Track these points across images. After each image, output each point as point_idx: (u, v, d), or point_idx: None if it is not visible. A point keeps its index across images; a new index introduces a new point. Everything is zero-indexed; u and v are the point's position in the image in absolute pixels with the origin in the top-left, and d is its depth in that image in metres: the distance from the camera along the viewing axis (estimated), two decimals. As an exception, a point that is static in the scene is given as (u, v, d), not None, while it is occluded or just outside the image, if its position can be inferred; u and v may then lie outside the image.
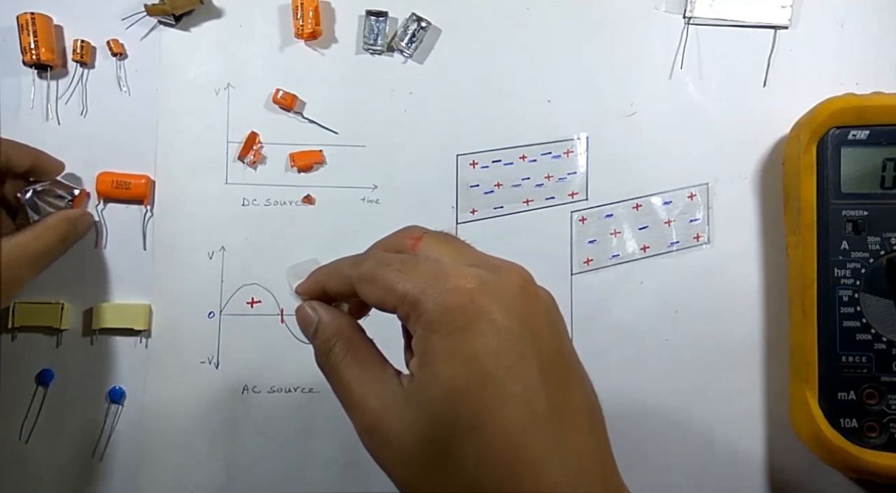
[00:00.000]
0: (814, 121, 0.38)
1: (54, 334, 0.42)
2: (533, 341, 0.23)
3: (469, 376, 0.22)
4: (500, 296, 0.23)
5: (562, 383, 0.23)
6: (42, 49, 0.41)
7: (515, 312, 0.23)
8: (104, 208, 0.42)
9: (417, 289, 0.24)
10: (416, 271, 0.24)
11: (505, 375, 0.22)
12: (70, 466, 0.41)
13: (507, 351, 0.23)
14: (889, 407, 0.36)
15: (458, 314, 0.23)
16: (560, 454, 0.22)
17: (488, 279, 0.24)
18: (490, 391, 0.22)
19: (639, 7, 0.42)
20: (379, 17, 0.42)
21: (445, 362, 0.23)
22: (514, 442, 0.22)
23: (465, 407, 0.22)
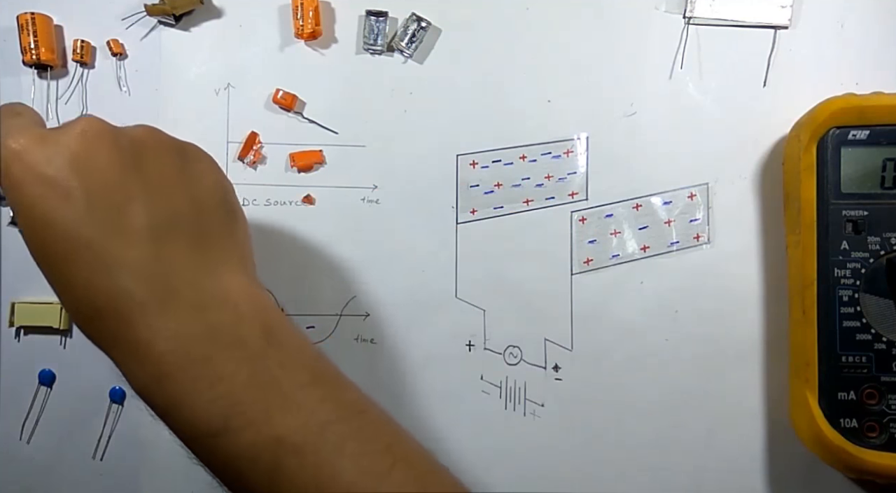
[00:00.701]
0: (814, 121, 0.38)
1: (54, 334, 0.42)
2: (81, 180, 0.28)
3: (26, 224, 0.28)
4: (53, 148, 0.28)
5: (116, 208, 0.28)
6: (42, 49, 0.41)
7: (64, 159, 0.28)
8: None
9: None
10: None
11: (49, 216, 0.27)
12: (70, 466, 0.41)
13: (49, 196, 0.27)
14: (889, 407, 0.37)
15: (8, 175, 0.28)
16: (99, 267, 0.27)
17: (46, 136, 0.28)
18: (42, 228, 0.28)
19: (639, 7, 0.42)
20: (379, 17, 0.42)
21: (15, 214, 0.29)
22: (66, 263, 0.28)
23: (35, 247, 0.28)
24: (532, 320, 0.41)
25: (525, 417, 0.41)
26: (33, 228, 0.28)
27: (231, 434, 0.27)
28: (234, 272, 0.30)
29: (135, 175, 0.29)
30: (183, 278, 0.28)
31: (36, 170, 0.28)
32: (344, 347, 0.41)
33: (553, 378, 0.41)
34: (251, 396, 0.27)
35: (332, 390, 0.29)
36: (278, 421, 0.27)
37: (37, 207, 0.28)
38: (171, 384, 0.27)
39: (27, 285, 0.42)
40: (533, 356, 0.41)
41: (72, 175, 0.28)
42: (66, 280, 0.28)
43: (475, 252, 0.42)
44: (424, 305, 0.41)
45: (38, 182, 0.28)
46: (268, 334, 0.29)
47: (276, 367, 0.28)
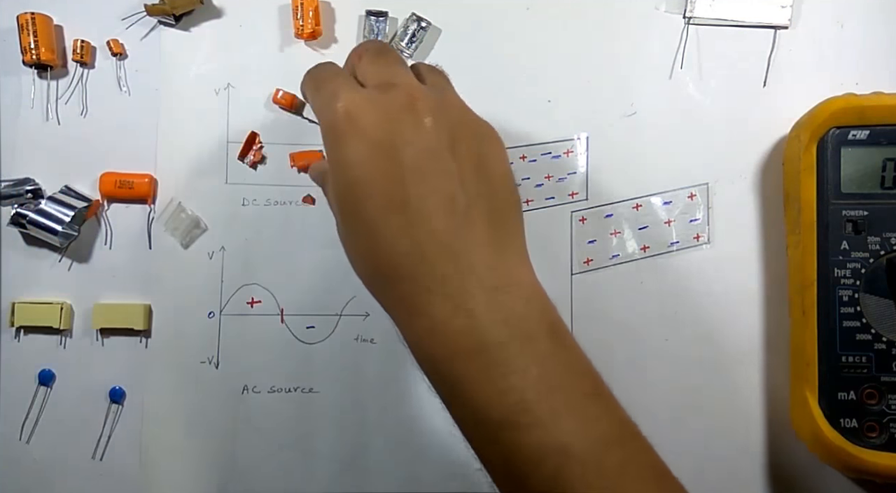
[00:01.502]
0: (814, 121, 0.38)
1: (54, 333, 0.42)
2: (405, 147, 0.28)
3: (344, 180, 0.29)
4: (378, 113, 0.28)
5: (430, 176, 0.28)
6: (42, 49, 0.41)
7: (390, 125, 0.28)
8: (108, 209, 0.42)
9: (318, 108, 0.30)
10: (324, 91, 0.30)
11: (370, 176, 0.28)
12: (70, 466, 0.41)
13: (376, 157, 0.28)
14: (889, 407, 0.37)
15: (337, 132, 0.29)
16: (410, 232, 0.28)
17: (373, 99, 0.29)
18: (362, 189, 0.28)
19: (639, 7, 0.42)
20: (379, 17, 0.42)
21: (333, 168, 0.29)
22: (374, 225, 0.28)
23: (347, 205, 0.29)
24: (532, 320, 0.41)
25: (525, 417, 0.41)
26: (351, 187, 0.28)
27: (519, 430, 0.26)
28: (522, 260, 0.30)
29: (450, 150, 0.29)
30: (482, 258, 0.28)
31: (366, 131, 0.28)
32: (344, 347, 0.41)
33: (553, 378, 0.41)
34: (541, 395, 0.26)
35: (611, 405, 0.29)
36: (566, 428, 0.26)
37: (360, 166, 0.28)
38: (464, 364, 0.27)
39: (27, 285, 0.42)
40: (533, 356, 0.41)
41: (398, 141, 0.28)
42: (372, 242, 0.28)
43: (475, 252, 0.42)
44: (424, 305, 0.41)
45: (366, 143, 0.28)
46: (554, 333, 0.28)
47: (563, 370, 0.28)
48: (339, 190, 0.29)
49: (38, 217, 0.40)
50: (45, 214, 0.40)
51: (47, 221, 0.40)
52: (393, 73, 0.31)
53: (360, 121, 0.28)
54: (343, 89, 0.29)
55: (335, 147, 0.29)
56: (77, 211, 0.41)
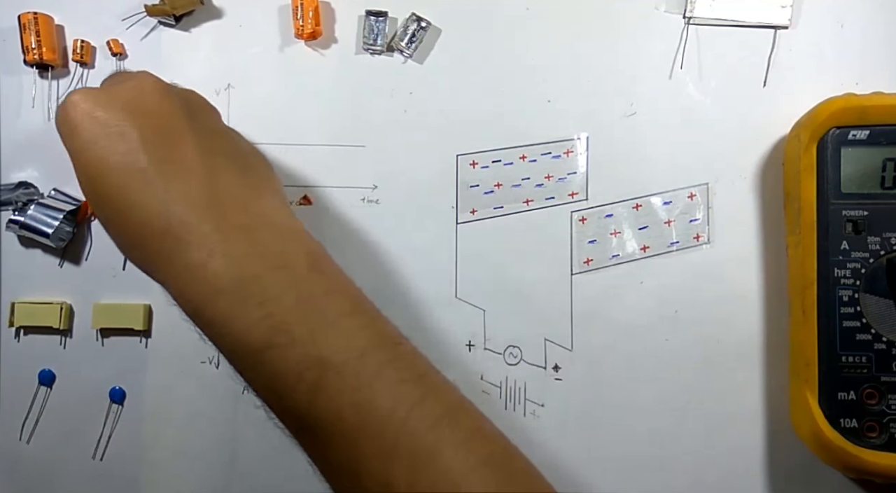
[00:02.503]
0: (814, 121, 0.38)
1: (54, 334, 0.42)
2: (137, 120, 0.31)
3: (82, 164, 0.31)
4: (106, 99, 0.31)
5: (169, 144, 0.31)
6: (44, 49, 0.41)
7: (117, 106, 0.31)
8: (94, 220, 0.42)
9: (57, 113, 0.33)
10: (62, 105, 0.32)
11: (108, 151, 0.30)
12: (70, 466, 0.41)
13: (105, 135, 0.31)
14: (889, 407, 0.36)
15: (66, 122, 0.31)
16: (154, 194, 0.30)
17: (101, 90, 0.32)
18: (100, 168, 0.30)
19: (639, 7, 0.42)
20: (379, 17, 0.42)
21: (72, 159, 0.31)
22: (121, 192, 0.30)
23: (91, 188, 0.31)
24: (532, 320, 0.41)
25: (525, 417, 0.41)
26: (89, 166, 0.31)
27: (277, 350, 0.28)
28: (277, 201, 0.33)
29: (184, 120, 0.32)
30: (232, 202, 0.31)
31: (92, 114, 0.31)
32: (344, 347, 0.41)
33: (553, 378, 0.41)
34: (297, 317, 0.29)
35: (371, 321, 0.31)
36: (322, 342, 0.28)
37: (93, 146, 0.31)
38: (223, 301, 0.29)
39: (27, 285, 0.42)
40: (533, 356, 0.41)
41: (126, 117, 0.31)
42: (121, 209, 0.30)
43: (475, 252, 0.42)
44: (424, 305, 0.41)
45: (94, 124, 0.31)
46: (311, 261, 0.31)
47: (320, 293, 0.30)
48: (81, 177, 0.32)
49: (30, 222, 0.40)
50: (35, 220, 0.40)
51: (39, 225, 0.40)
52: (123, 75, 0.35)
53: (87, 106, 0.31)
54: (77, 89, 0.34)
55: (68, 137, 0.31)
56: (65, 214, 0.41)
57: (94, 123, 0.31)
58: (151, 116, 0.31)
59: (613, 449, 0.41)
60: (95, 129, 0.31)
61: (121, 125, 0.31)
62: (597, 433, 0.41)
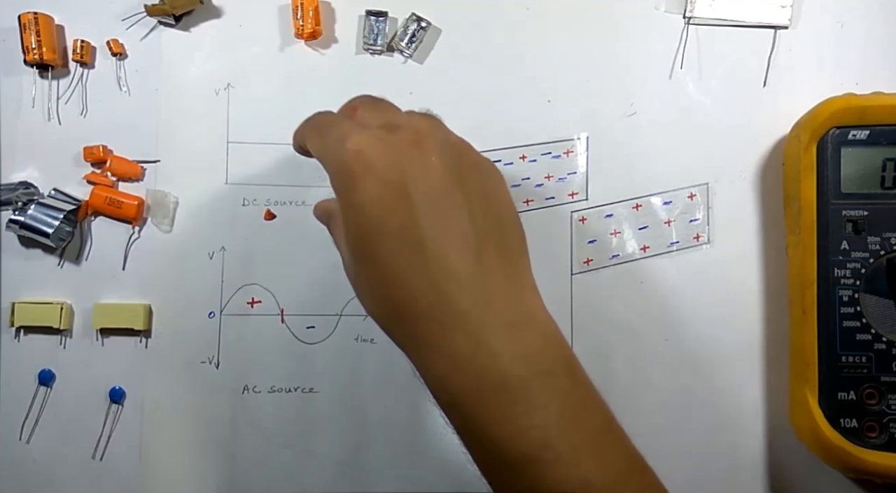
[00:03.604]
0: (814, 121, 0.38)
1: (54, 334, 0.42)
2: (416, 185, 0.28)
3: (358, 221, 0.28)
4: (389, 152, 0.28)
5: (443, 214, 0.28)
6: (45, 49, 0.41)
7: (401, 164, 0.28)
8: (94, 221, 0.42)
9: (326, 152, 0.30)
10: (329, 136, 0.30)
11: (383, 215, 0.28)
12: (70, 466, 0.41)
13: (388, 196, 0.28)
14: (889, 407, 0.36)
15: (348, 173, 0.28)
16: (427, 271, 0.28)
17: (382, 138, 0.29)
18: (376, 229, 0.28)
19: (639, 7, 0.42)
20: (379, 17, 0.42)
21: (345, 209, 0.29)
22: (389, 266, 0.28)
23: (359, 244, 0.29)
24: (532, 320, 0.41)
25: (525, 417, 0.41)
26: (363, 227, 0.28)
27: (541, 466, 0.26)
28: (534, 294, 0.30)
29: (459, 186, 0.29)
30: (498, 293, 0.28)
31: (377, 170, 0.28)
32: (344, 347, 0.41)
33: (553, 378, 0.41)
34: (562, 431, 0.27)
35: (623, 439, 0.29)
36: (585, 463, 0.27)
37: (373, 206, 0.28)
38: (487, 402, 0.27)
39: (27, 286, 0.42)
40: (533, 356, 0.41)
41: (410, 180, 0.28)
42: (388, 282, 0.28)
43: (475, 252, 0.42)
44: (424, 305, 0.41)
45: (377, 182, 0.28)
46: (569, 368, 0.29)
47: (580, 405, 0.28)
48: (351, 231, 0.29)
49: (30, 222, 0.40)
50: (35, 220, 0.40)
51: (39, 225, 0.40)
52: (395, 117, 0.31)
53: (371, 160, 0.28)
54: (351, 131, 0.29)
55: (347, 188, 0.28)
56: (66, 214, 0.41)
57: (376, 179, 0.28)
58: (431, 180, 0.29)
59: (613, 449, 0.41)
60: (378, 187, 0.28)
61: (404, 188, 0.28)
62: (597, 433, 0.41)
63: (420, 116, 0.32)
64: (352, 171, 0.28)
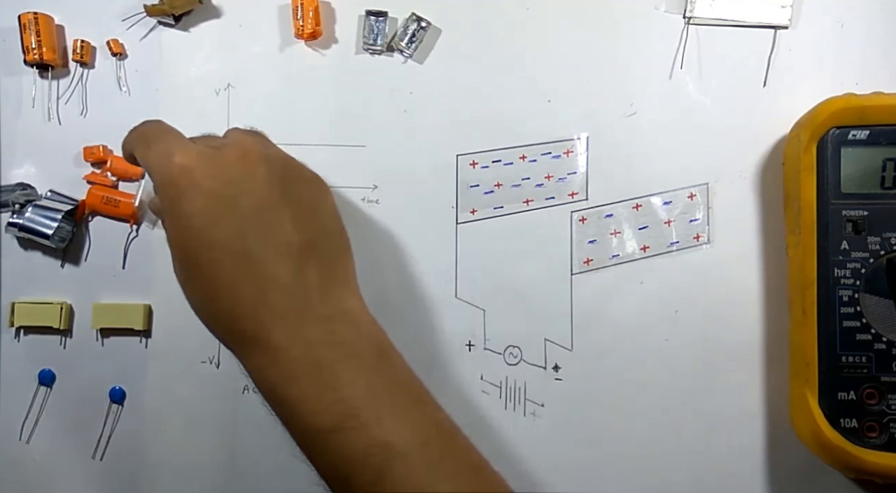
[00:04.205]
0: (814, 121, 0.38)
1: (54, 334, 0.42)
2: (242, 198, 0.30)
3: (184, 232, 0.30)
4: (215, 167, 0.31)
5: (267, 225, 0.31)
6: (45, 49, 0.41)
7: (226, 177, 0.30)
8: (92, 221, 0.42)
9: (152, 163, 0.32)
10: (157, 147, 0.32)
11: (210, 227, 0.30)
12: (70, 466, 0.41)
13: (212, 209, 0.30)
14: (889, 407, 0.36)
15: (175, 186, 0.30)
16: (251, 278, 0.30)
17: (208, 154, 0.31)
18: (201, 239, 0.30)
19: (639, 7, 0.42)
20: (379, 17, 0.42)
21: (171, 220, 0.31)
22: (216, 274, 0.30)
23: (186, 253, 0.31)
24: (532, 320, 0.41)
25: (525, 417, 0.41)
26: (190, 237, 0.30)
27: (346, 433, 0.29)
28: (353, 293, 0.34)
29: (284, 198, 0.32)
30: (316, 293, 0.31)
31: (203, 184, 0.30)
32: (344, 347, 0.41)
33: (553, 378, 0.41)
34: (367, 402, 0.30)
35: (431, 411, 0.32)
36: (388, 428, 0.29)
37: (199, 217, 0.30)
38: (298, 384, 0.30)
39: (27, 286, 0.42)
40: (533, 356, 0.41)
41: (236, 192, 0.30)
42: (214, 287, 0.31)
43: (475, 252, 0.42)
44: (424, 305, 0.41)
45: (203, 195, 0.30)
46: (381, 353, 0.32)
47: (388, 382, 0.31)
48: (178, 241, 0.31)
49: (29, 224, 0.40)
50: (34, 222, 0.40)
51: (38, 226, 0.40)
52: (226, 138, 0.33)
53: (196, 174, 0.30)
54: (177, 145, 0.31)
55: (174, 200, 0.30)
56: (64, 214, 0.41)
57: (202, 193, 0.30)
58: (256, 192, 0.31)
59: (613, 449, 0.41)
60: (204, 200, 0.30)
61: (230, 200, 0.30)
62: (597, 433, 0.41)
63: (245, 133, 0.34)
64: (178, 184, 0.30)
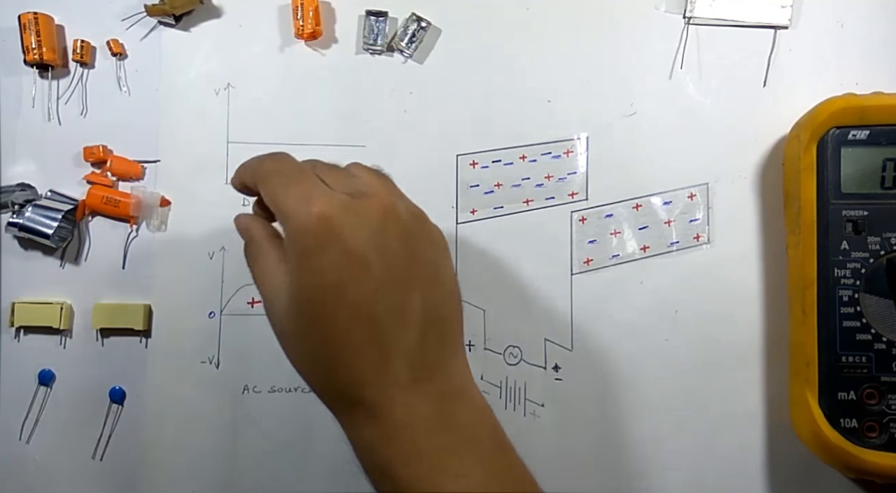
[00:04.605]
0: (814, 121, 0.38)
1: (54, 334, 0.42)
2: (378, 257, 0.28)
3: (313, 285, 0.28)
4: (356, 220, 0.28)
5: (399, 288, 0.29)
6: (45, 49, 0.41)
7: (366, 233, 0.28)
8: (92, 221, 0.42)
9: (289, 207, 0.29)
10: (295, 190, 0.29)
11: (343, 285, 0.28)
12: (70, 466, 0.41)
13: (350, 265, 0.28)
14: (889, 407, 0.36)
15: (312, 236, 0.28)
16: (375, 345, 0.28)
17: (349, 205, 0.29)
18: (332, 296, 0.28)
19: (639, 7, 0.42)
20: (379, 17, 0.42)
21: (300, 272, 0.28)
22: (339, 336, 0.28)
23: (309, 308, 0.28)
24: (532, 320, 0.41)
25: (525, 417, 0.41)
26: (320, 292, 0.28)
27: None
28: (465, 366, 0.31)
29: (414, 258, 0.30)
30: (437, 365, 0.30)
31: (342, 238, 0.28)
32: (344, 347, 0.41)
33: (553, 378, 0.41)
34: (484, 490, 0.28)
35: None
36: None
37: (332, 273, 0.28)
38: (416, 465, 0.28)
39: (27, 286, 0.42)
40: (533, 356, 0.41)
41: (373, 251, 0.28)
42: (334, 348, 0.28)
43: (475, 252, 0.42)
44: (424, 305, 0.41)
45: (341, 250, 0.28)
46: (495, 436, 0.30)
47: (504, 472, 0.30)
48: (303, 293, 0.29)
49: (29, 224, 0.40)
50: (34, 222, 0.40)
51: (38, 226, 0.40)
52: (360, 181, 0.31)
53: (336, 227, 0.28)
54: (317, 192, 0.29)
55: (308, 252, 0.28)
56: (64, 214, 0.41)
57: (340, 248, 0.28)
58: (392, 252, 0.29)
59: (613, 449, 0.41)
60: (341, 256, 0.28)
61: (367, 258, 0.28)
62: (597, 433, 0.41)
63: (377, 177, 0.32)
64: (316, 235, 0.28)
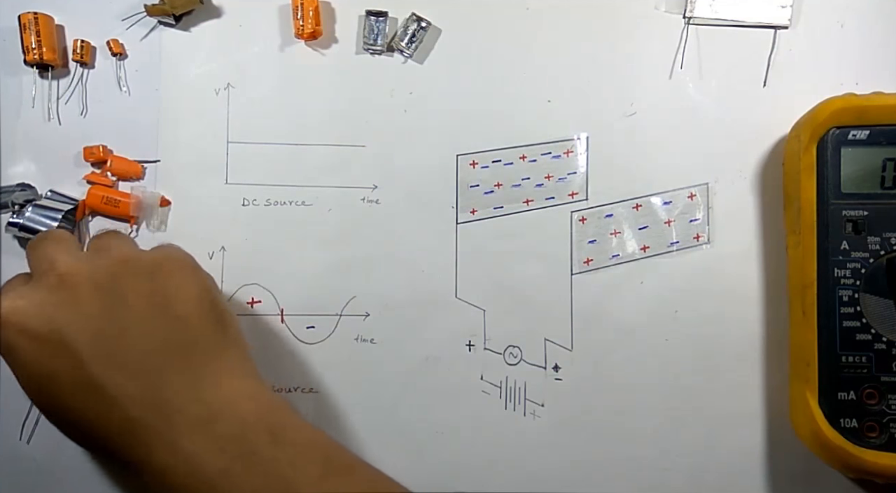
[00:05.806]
0: (814, 121, 0.38)
1: (54, 333, 0.41)
2: (71, 328, 0.29)
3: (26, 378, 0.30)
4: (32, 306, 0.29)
5: (109, 343, 0.29)
6: (45, 49, 0.41)
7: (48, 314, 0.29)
8: (91, 221, 0.42)
9: None
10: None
11: (48, 370, 0.29)
12: (70, 466, 0.41)
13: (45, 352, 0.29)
14: (889, 407, 0.36)
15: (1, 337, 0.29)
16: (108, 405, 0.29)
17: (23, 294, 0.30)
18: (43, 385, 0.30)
19: (639, 7, 0.42)
20: (379, 17, 0.42)
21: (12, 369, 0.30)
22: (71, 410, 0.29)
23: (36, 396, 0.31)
24: (532, 320, 0.41)
25: (525, 417, 0.41)
26: (37, 384, 0.30)
27: None
28: (233, 377, 0.31)
29: (119, 309, 0.30)
30: (186, 397, 0.29)
31: (25, 330, 0.29)
32: (344, 347, 0.41)
33: (553, 378, 0.41)
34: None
35: (343, 479, 0.30)
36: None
37: (34, 364, 0.29)
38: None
39: (27, 285, 0.42)
40: (533, 356, 0.41)
41: (63, 326, 0.29)
42: (76, 421, 0.29)
43: (475, 252, 0.42)
44: (424, 305, 0.41)
45: (31, 341, 0.29)
46: (275, 436, 0.30)
47: (287, 467, 0.29)
48: (24, 384, 0.30)
49: (29, 224, 0.40)
50: (34, 222, 0.40)
51: (38, 226, 0.40)
52: (46, 259, 0.31)
53: (16, 321, 0.29)
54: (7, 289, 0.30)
55: (5, 353, 0.29)
56: (64, 214, 0.41)
57: (27, 340, 0.29)
58: (85, 315, 0.29)
59: (613, 449, 0.41)
60: (33, 346, 0.29)
61: (56, 338, 0.29)
62: (597, 433, 0.41)
63: (56, 248, 0.32)
64: (3, 335, 0.29)
